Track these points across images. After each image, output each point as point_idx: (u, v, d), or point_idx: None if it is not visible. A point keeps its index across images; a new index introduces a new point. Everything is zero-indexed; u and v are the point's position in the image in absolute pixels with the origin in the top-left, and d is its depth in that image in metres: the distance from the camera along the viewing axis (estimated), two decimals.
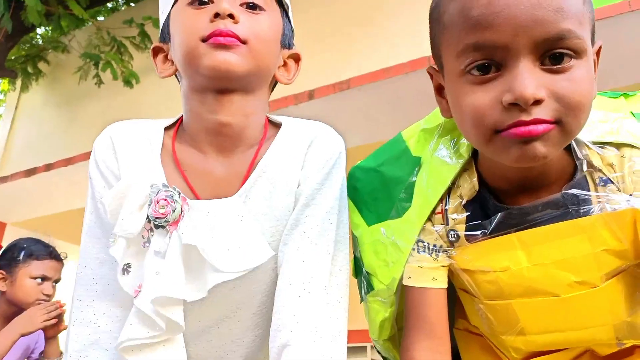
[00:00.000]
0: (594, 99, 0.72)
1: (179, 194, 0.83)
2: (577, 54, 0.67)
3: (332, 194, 0.90)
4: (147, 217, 0.82)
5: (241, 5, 0.88)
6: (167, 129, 0.95)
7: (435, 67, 0.83)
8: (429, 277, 0.86)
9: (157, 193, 0.83)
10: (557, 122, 0.67)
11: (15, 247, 2.05)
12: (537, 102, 0.66)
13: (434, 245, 0.86)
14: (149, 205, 0.82)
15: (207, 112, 0.88)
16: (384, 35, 4.08)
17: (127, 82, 5.08)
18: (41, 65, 5.91)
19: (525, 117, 0.66)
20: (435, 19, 0.77)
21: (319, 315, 0.81)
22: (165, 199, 0.82)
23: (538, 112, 0.66)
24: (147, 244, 0.83)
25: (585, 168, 0.78)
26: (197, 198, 0.88)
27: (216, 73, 0.83)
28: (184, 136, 0.93)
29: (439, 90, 0.82)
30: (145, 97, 5.00)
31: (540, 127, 0.66)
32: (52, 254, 2.07)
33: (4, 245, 2.17)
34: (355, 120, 4.34)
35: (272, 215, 0.89)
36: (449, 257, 0.86)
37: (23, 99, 6.17)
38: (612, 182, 0.77)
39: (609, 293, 0.80)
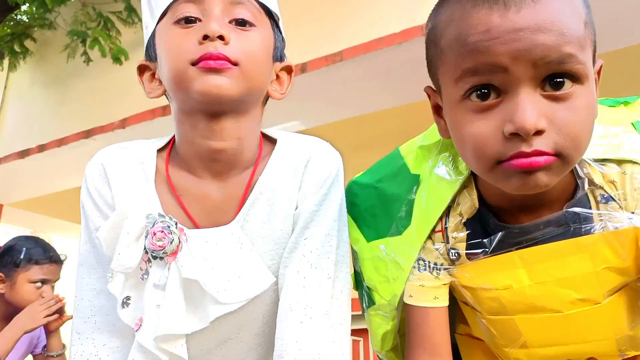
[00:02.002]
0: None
1: (176, 224, 0.82)
2: (578, 79, 0.66)
3: (331, 215, 0.89)
4: (144, 248, 0.81)
5: (230, 22, 0.84)
6: (159, 150, 0.93)
7: (433, 86, 0.81)
8: (431, 296, 0.86)
9: (154, 224, 0.81)
10: (558, 154, 0.65)
11: (14, 250, 2.01)
12: (538, 132, 0.64)
13: (435, 264, 0.86)
14: (146, 236, 0.81)
15: (199, 137, 0.85)
16: (376, 5, 4.00)
17: (116, 59, 4.98)
18: (28, 43, 5.79)
19: (526, 149, 0.64)
20: (432, 41, 0.75)
21: (321, 341, 0.81)
22: (162, 231, 0.81)
23: (539, 144, 0.64)
24: (145, 276, 0.82)
25: (586, 186, 0.77)
26: (195, 225, 0.87)
27: (207, 98, 0.80)
28: (178, 159, 0.91)
29: (437, 110, 0.81)
30: (136, 73, 4.92)
31: (542, 159, 0.65)
32: (52, 258, 2.04)
33: (3, 238, 2.15)
34: (349, 92, 4.31)
35: (271, 239, 0.88)
36: (450, 274, 0.85)
37: (11, 79, 6.08)
38: (614, 200, 0.76)
39: (611, 309, 0.80)
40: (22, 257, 1.98)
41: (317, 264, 0.85)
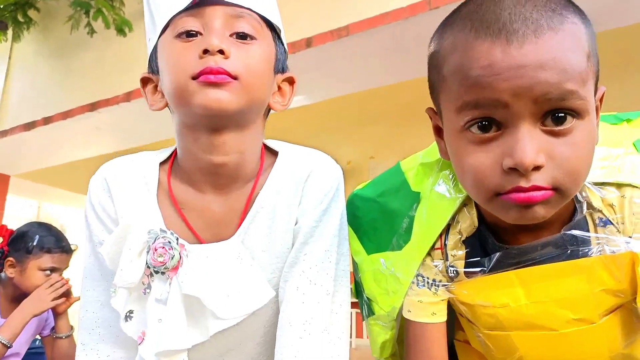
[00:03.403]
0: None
1: (177, 239, 0.83)
2: (579, 114, 0.65)
3: (330, 231, 0.89)
4: (146, 263, 0.82)
5: (231, 35, 0.83)
6: (162, 163, 0.93)
7: (434, 108, 0.80)
8: (429, 312, 0.87)
9: (155, 240, 0.82)
10: (555, 188, 0.66)
11: (27, 236, 2.02)
12: (537, 168, 0.64)
13: (434, 280, 0.87)
14: (148, 252, 0.82)
15: (201, 151, 0.86)
16: None
17: (120, 31, 4.94)
18: (31, 13, 5.74)
19: (524, 184, 0.65)
20: (435, 66, 0.74)
21: (320, 357, 0.83)
22: (163, 247, 0.82)
23: (537, 179, 0.65)
24: (147, 290, 0.83)
25: (585, 210, 0.77)
26: (197, 238, 0.88)
27: (208, 112, 0.80)
28: (180, 172, 0.91)
29: (438, 132, 0.81)
30: (141, 44, 4.86)
31: (539, 194, 0.65)
32: (64, 248, 2.06)
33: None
34: (354, 67, 4.27)
35: (271, 253, 0.89)
36: (448, 291, 0.87)
37: (15, 49, 6.04)
38: (612, 223, 0.77)
39: (606, 328, 0.81)
40: (34, 244, 1.99)
41: (316, 280, 0.86)
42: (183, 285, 0.81)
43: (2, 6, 5.65)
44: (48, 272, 2.00)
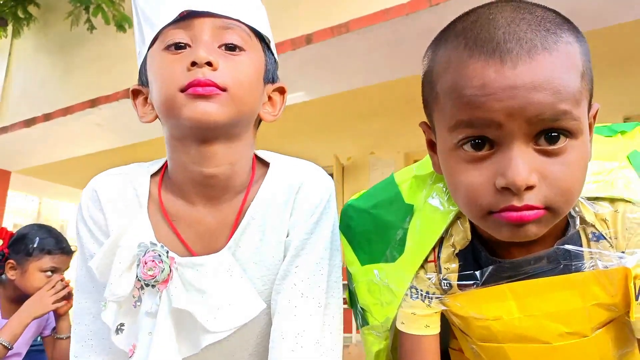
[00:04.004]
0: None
1: (167, 253, 0.83)
2: (573, 134, 0.65)
3: (322, 244, 0.90)
4: (137, 276, 0.83)
5: (220, 47, 0.83)
6: (153, 175, 0.93)
7: (427, 123, 0.80)
8: (422, 324, 0.87)
9: (145, 253, 0.83)
10: (548, 207, 0.66)
11: (27, 238, 2.02)
12: (529, 187, 0.64)
13: (427, 292, 0.87)
14: (138, 265, 0.83)
15: (191, 163, 0.86)
16: None
17: (120, 27, 4.94)
18: (31, 9, 5.74)
19: (516, 203, 0.65)
20: (428, 82, 0.74)
21: None
22: (153, 260, 0.82)
23: (529, 198, 0.65)
24: (138, 303, 0.84)
25: (578, 224, 0.77)
26: (188, 250, 0.88)
27: (196, 124, 0.80)
28: (170, 184, 0.91)
29: (431, 146, 0.80)
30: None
31: (532, 213, 0.65)
32: (64, 249, 2.06)
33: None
34: (354, 64, 4.27)
35: (263, 265, 0.89)
36: (441, 303, 0.87)
37: (15, 45, 6.04)
38: (605, 238, 0.77)
39: (599, 341, 0.81)
40: (35, 246, 1.99)
41: (308, 293, 0.87)
42: (173, 298, 0.82)
43: (2, 2, 5.64)
44: (49, 273, 2.00)
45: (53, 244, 2.03)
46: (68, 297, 1.99)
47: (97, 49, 5.23)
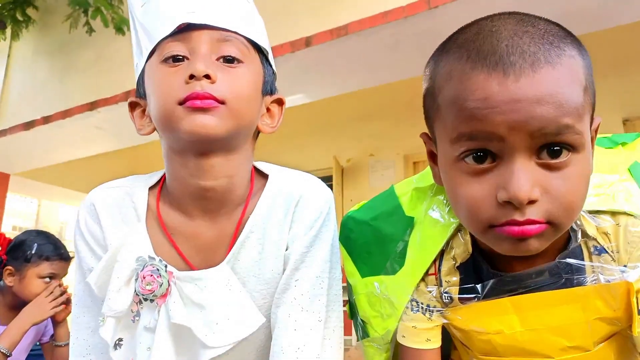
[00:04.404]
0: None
1: (165, 267, 0.83)
2: (575, 148, 0.64)
3: (322, 257, 0.89)
4: (135, 290, 0.82)
5: (217, 59, 0.83)
6: (151, 188, 0.93)
7: (428, 134, 0.80)
8: (423, 338, 0.87)
9: (144, 267, 0.82)
10: (550, 222, 0.65)
11: (25, 245, 2.01)
12: (531, 202, 0.64)
13: (428, 306, 0.86)
14: (136, 279, 0.82)
15: (189, 176, 0.85)
16: None
17: (119, 29, 4.92)
18: (30, 11, 5.72)
19: (518, 217, 0.64)
20: (430, 93, 0.73)
21: None
22: (152, 275, 0.82)
23: (531, 213, 0.64)
24: (136, 318, 0.83)
25: (579, 238, 0.77)
26: (187, 263, 0.87)
27: (195, 137, 0.80)
28: (169, 197, 0.91)
29: (432, 157, 0.80)
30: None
31: (534, 227, 0.64)
32: (62, 256, 2.05)
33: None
34: (353, 66, 4.26)
35: (262, 279, 0.88)
36: (442, 316, 0.86)
37: (14, 48, 6.03)
38: (607, 252, 0.76)
39: (601, 355, 0.81)
40: (33, 252, 1.99)
41: (308, 307, 0.86)
42: (172, 313, 0.81)
43: (0, 5, 5.63)
44: (47, 279, 1.99)
45: (51, 250, 2.03)
46: (66, 302, 1.99)
47: (95, 52, 5.21)
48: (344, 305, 0.95)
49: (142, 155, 5.11)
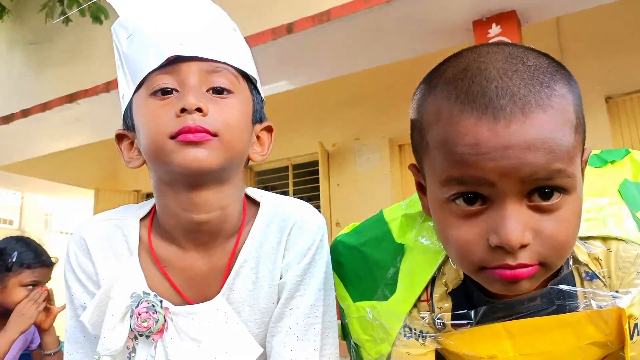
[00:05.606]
0: None
1: (161, 303, 0.82)
2: (566, 190, 0.64)
3: (316, 285, 0.89)
4: (130, 327, 0.81)
5: (207, 90, 0.81)
6: (142, 219, 0.91)
7: (416, 165, 0.78)
8: None
9: (138, 304, 0.81)
10: (541, 263, 0.65)
11: (5, 254, 1.97)
12: (523, 246, 0.63)
13: (421, 331, 0.86)
14: (131, 316, 0.81)
15: (181, 210, 0.84)
16: None
17: (96, 18, 4.83)
18: (4, 1, 5.59)
19: (510, 262, 0.64)
20: (418, 128, 0.72)
21: None
22: (147, 311, 0.80)
23: (523, 257, 0.64)
24: (132, 354, 0.83)
25: (571, 264, 0.77)
26: (182, 296, 0.87)
27: (188, 170, 0.78)
28: (160, 229, 0.89)
29: (420, 188, 0.79)
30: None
31: (526, 270, 0.64)
32: (44, 262, 2.02)
33: None
34: (336, 53, 4.24)
35: (256, 308, 0.88)
36: (436, 341, 0.86)
37: None
38: (598, 277, 0.76)
39: None
40: (14, 260, 1.95)
41: (304, 336, 0.86)
42: (169, 350, 0.80)
43: None
44: (30, 287, 1.96)
45: (32, 257, 1.99)
46: (48, 300, 1.97)
47: (73, 42, 5.12)
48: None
49: None
